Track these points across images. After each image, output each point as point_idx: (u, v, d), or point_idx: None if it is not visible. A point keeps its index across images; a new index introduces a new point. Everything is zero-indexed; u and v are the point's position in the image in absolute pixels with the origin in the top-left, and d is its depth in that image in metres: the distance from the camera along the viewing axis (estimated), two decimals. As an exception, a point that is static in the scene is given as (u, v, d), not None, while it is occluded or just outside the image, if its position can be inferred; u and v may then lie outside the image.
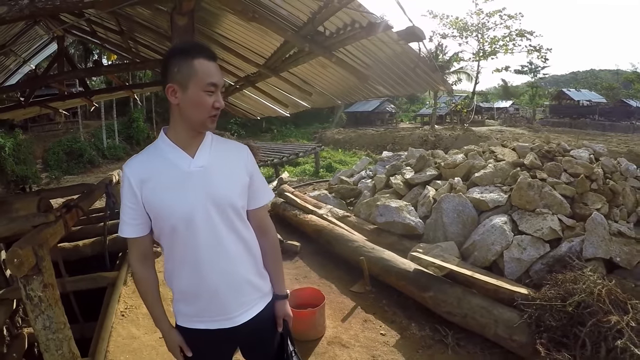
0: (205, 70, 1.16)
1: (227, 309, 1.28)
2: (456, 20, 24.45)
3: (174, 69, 1.17)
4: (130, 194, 1.22)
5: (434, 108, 27.22)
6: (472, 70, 27.64)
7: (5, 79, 5.83)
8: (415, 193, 5.06)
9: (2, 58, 5.16)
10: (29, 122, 20.05)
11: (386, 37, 2.18)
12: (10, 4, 1.24)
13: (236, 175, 1.30)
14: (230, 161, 1.31)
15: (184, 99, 1.18)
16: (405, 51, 2.34)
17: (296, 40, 2.46)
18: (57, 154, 19.10)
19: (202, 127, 1.23)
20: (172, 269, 1.29)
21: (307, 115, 32.76)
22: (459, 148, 6.02)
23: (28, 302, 1.84)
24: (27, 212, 2.42)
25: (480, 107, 34.00)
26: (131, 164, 1.24)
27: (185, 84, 1.16)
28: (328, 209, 5.55)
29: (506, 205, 3.87)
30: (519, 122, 30.01)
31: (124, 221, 1.25)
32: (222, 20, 3.26)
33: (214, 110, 1.21)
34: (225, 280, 1.26)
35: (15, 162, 15.71)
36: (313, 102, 5.01)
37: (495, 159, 4.74)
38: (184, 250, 1.24)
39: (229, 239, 1.26)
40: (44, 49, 5.85)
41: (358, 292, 3.74)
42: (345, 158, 19.64)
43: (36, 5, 1.26)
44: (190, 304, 1.29)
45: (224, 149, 1.32)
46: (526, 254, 3.28)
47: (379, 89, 3.49)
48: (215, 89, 1.19)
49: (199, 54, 1.17)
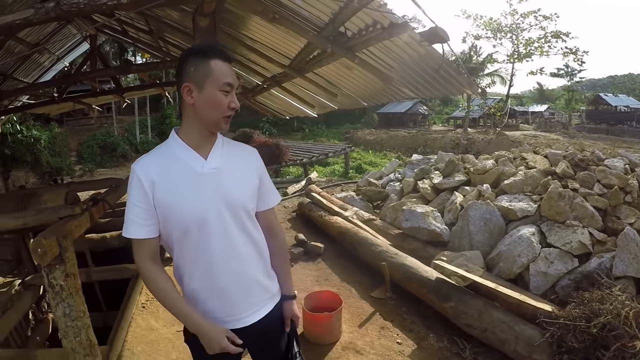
0: (221, 70, 1.20)
1: (236, 309, 1.31)
2: (490, 21, 23.98)
3: (191, 68, 1.20)
4: (140, 194, 1.21)
5: (467, 111, 26.81)
6: (506, 73, 27.01)
7: (40, 76, 6.23)
8: (443, 199, 4.98)
9: (36, 56, 5.53)
10: (65, 116, 21.26)
11: (409, 38, 2.15)
12: (37, 7, 1.35)
13: (247, 178, 1.33)
14: (241, 164, 1.34)
15: (199, 99, 1.20)
16: (429, 53, 2.30)
17: (318, 41, 2.48)
18: (91, 148, 20.20)
19: (216, 127, 1.26)
20: (183, 271, 1.30)
21: (338, 115, 33.14)
22: (490, 153, 5.86)
23: (50, 290, 1.96)
24: (55, 204, 2.59)
25: (515, 111, 33.32)
26: (142, 163, 1.24)
27: (202, 84, 1.19)
28: (354, 211, 5.55)
29: (535, 215, 3.73)
30: (554, 128, 29.38)
31: (132, 221, 1.22)
32: (247, 22, 3.34)
33: (229, 111, 1.24)
34: (236, 281, 1.29)
35: (50, 154, 16.74)
36: (339, 103, 5.04)
37: (526, 166, 4.58)
38: (196, 252, 1.25)
39: (240, 240, 1.29)
40: (77, 47, 6.20)
41: (378, 298, 3.73)
42: (376, 159, 19.60)
43: (61, 8, 1.36)
44: (200, 305, 1.30)
45: (234, 152, 1.35)
46: (553, 268, 3.16)
47: (404, 91, 3.47)
48: (231, 89, 1.22)
49: (216, 55, 1.20)
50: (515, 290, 2.95)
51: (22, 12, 1.37)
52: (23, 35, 4.55)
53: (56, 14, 1.39)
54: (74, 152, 20.22)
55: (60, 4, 1.37)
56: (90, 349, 2.10)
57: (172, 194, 1.21)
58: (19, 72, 5.70)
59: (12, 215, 2.29)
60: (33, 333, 3.34)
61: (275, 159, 12.66)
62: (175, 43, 5.17)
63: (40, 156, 15.63)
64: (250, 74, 5.28)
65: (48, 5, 1.37)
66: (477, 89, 2.95)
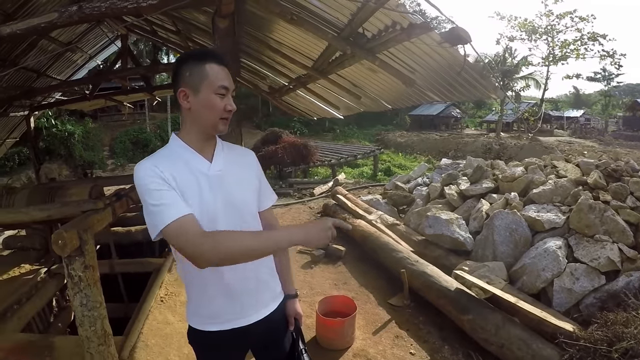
0: (216, 73, 1.22)
1: (243, 308, 1.35)
2: (525, 22, 23.34)
3: (186, 73, 1.22)
4: (161, 181, 1.15)
5: (500, 115, 26.23)
6: (541, 76, 26.18)
7: (73, 73, 6.59)
8: (469, 206, 4.87)
9: (69, 54, 5.86)
10: (99, 112, 22.28)
11: (429, 40, 2.11)
12: (60, 10, 1.45)
13: (249, 179, 1.38)
14: (242, 165, 1.38)
15: (195, 102, 1.22)
16: (451, 55, 2.26)
17: (337, 43, 2.48)
18: (124, 143, 21.11)
19: (214, 130, 1.27)
20: (191, 271, 1.28)
21: (370, 117, 33.15)
22: (521, 160, 5.67)
23: (69, 280, 2.09)
24: (80, 197, 2.76)
25: (550, 116, 32.29)
26: (150, 162, 1.20)
27: (197, 87, 1.21)
28: (378, 215, 5.54)
29: (563, 227, 3.58)
30: (589, 134, 28.36)
31: (169, 204, 1.12)
32: (272, 24, 3.38)
33: (226, 113, 1.26)
34: (243, 280, 1.32)
35: (83, 148, 17.68)
36: (364, 105, 5.04)
37: (557, 175, 4.41)
38: None
39: None
40: (109, 46, 6.53)
41: (396, 306, 3.71)
42: (406, 162, 19.43)
43: (84, 12, 1.46)
44: (206, 306, 1.33)
45: (235, 154, 1.39)
46: (578, 285, 3.03)
47: (429, 95, 3.42)
48: (226, 92, 1.25)
49: (211, 59, 1.23)
50: (537, 306, 2.85)
51: (47, 15, 1.49)
52: (56, 35, 4.84)
53: (79, 17, 1.50)
54: (107, 147, 21.23)
55: (83, 7, 1.47)
56: (104, 338, 2.21)
57: (185, 193, 1.19)
58: (52, 69, 6.02)
59: (39, 207, 2.46)
60: (55, 319, 3.54)
61: (303, 160, 12.77)
62: (202, 44, 5.33)
63: (74, 150, 16.54)
64: (277, 75, 5.37)
65: (71, 9, 1.47)
66: (503, 93, 2.87)
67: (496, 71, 26.01)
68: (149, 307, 3.41)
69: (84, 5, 1.49)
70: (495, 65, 26.72)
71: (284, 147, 12.80)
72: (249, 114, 29.18)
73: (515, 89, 26.86)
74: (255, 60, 5.21)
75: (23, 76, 5.57)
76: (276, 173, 13.07)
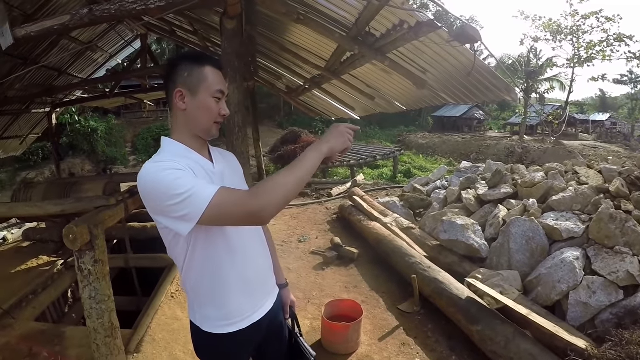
0: (214, 77, 1.25)
1: (258, 300, 1.39)
2: (549, 22, 22.65)
3: (184, 73, 1.23)
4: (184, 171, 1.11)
5: (523, 117, 25.79)
6: (566, 78, 25.54)
7: (94, 72, 6.84)
8: (486, 211, 4.77)
9: (90, 53, 6.11)
10: (122, 109, 22.96)
11: (438, 38, 2.08)
12: (72, 13, 1.53)
13: (240, 179, 1.47)
14: (233, 167, 1.46)
15: (192, 104, 1.24)
16: (462, 54, 2.23)
17: (344, 43, 2.48)
18: (146, 140, 21.70)
19: (207, 134, 1.29)
20: (206, 272, 1.28)
21: (392, 117, 33.15)
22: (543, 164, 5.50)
23: (79, 273, 2.19)
24: (95, 193, 2.87)
25: (575, 119, 31.41)
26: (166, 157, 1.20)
27: (195, 89, 1.22)
28: (394, 218, 5.51)
29: (582, 237, 3.45)
30: (615, 138, 27.46)
31: (200, 185, 1.06)
32: (284, 25, 3.42)
33: (220, 117, 1.28)
34: (257, 269, 1.38)
35: (106, 144, 18.28)
36: (379, 106, 5.03)
37: (578, 182, 4.25)
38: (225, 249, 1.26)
39: (254, 234, 1.40)
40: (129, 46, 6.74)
41: (405, 312, 3.68)
42: (426, 164, 19.22)
43: (94, 14, 1.53)
44: (221, 306, 1.31)
45: (224, 156, 1.45)
46: (595, 299, 2.91)
47: (442, 96, 3.38)
48: (222, 97, 1.28)
49: (209, 62, 1.25)
50: (551, 319, 2.76)
51: (59, 18, 1.57)
52: (76, 35, 5.05)
53: (90, 20, 1.57)
54: (129, 144, 21.88)
55: (94, 10, 1.55)
56: (111, 331, 2.31)
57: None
58: (73, 68, 6.29)
59: (54, 201, 2.59)
60: (70, 310, 3.70)
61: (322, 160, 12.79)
62: (219, 44, 5.45)
63: (97, 146, 17.12)
64: (292, 75, 5.42)
65: (82, 11, 1.55)
66: (517, 95, 2.80)
67: (520, 73, 25.55)
68: (159, 302, 3.51)
69: (94, 8, 1.56)
70: (519, 66, 26.31)
71: (303, 147, 12.85)
72: (270, 112, 29.45)
73: (539, 91, 26.30)
74: (270, 60, 5.28)
75: (44, 74, 5.83)
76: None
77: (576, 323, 2.93)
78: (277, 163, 12.96)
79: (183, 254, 1.25)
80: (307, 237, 5.91)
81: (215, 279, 1.29)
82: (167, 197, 1.06)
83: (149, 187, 1.10)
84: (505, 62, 26.89)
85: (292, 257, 5.11)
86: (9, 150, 7.58)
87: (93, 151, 17.45)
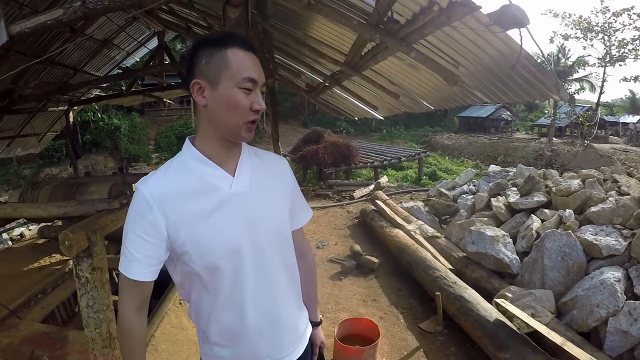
0: (240, 61, 0.99)
1: (274, 350, 1.16)
2: (579, 20, 22.06)
3: (201, 60, 1.00)
4: (149, 225, 1.00)
5: (552, 119, 25.28)
6: (596, 78, 24.94)
7: (111, 70, 6.94)
8: (518, 221, 4.51)
9: (106, 51, 6.19)
10: (146, 107, 23.57)
11: (475, 23, 1.78)
12: (65, 7, 1.45)
13: (282, 195, 1.17)
14: (273, 178, 1.17)
15: (213, 98, 1.00)
16: (504, 43, 1.92)
17: (364, 31, 2.22)
18: (169, 137, 22.18)
19: (235, 137, 1.05)
20: (207, 314, 1.12)
21: (418, 117, 33.02)
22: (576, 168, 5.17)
23: (77, 281, 2.12)
24: (99, 195, 2.82)
25: (604, 121, 30.31)
26: (151, 183, 1.03)
27: (216, 79, 0.99)
28: (417, 225, 5.32)
29: (624, 255, 3.17)
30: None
31: (134, 257, 1.01)
32: (299, 16, 3.28)
33: (252, 114, 1.02)
34: (273, 319, 1.14)
35: (129, 142, 18.75)
36: (404, 105, 4.82)
37: (618, 191, 3.94)
38: (227, 292, 1.07)
39: (278, 271, 1.14)
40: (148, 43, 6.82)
41: (426, 331, 3.48)
42: (452, 166, 18.90)
43: (87, 7, 1.44)
44: (227, 348, 1.14)
45: (264, 164, 1.17)
46: (636, 327, 2.64)
47: (477, 95, 3.14)
48: (254, 87, 1.01)
49: (233, 43, 1.00)
50: (586, 348, 2.52)
51: (52, 12, 1.50)
52: (91, 32, 5.10)
53: (83, 13, 1.48)
54: (152, 141, 22.41)
55: (86, 2, 1.46)
56: (109, 341, 2.23)
57: (200, 227, 1.01)
58: (90, 66, 6.38)
59: (58, 203, 2.54)
60: (80, 311, 3.69)
61: (344, 160, 12.68)
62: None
63: (120, 143, 17.61)
64: (312, 72, 5.29)
65: (75, 5, 1.47)
66: (566, 94, 2.48)
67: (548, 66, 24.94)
68: (165, 310, 3.45)
69: (87, 0, 1.47)
70: (548, 65, 25.68)
71: (325, 147, 12.73)
72: (295, 111, 29.59)
73: (569, 92, 25.59)
74: (288, 56, 5.15)
75: (60, 73, 5.93)
76: (317, 173, 13.06)
77: (614, 353, 2.69)
78: (299, 163, 12.87)
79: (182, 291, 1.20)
80: (326, 242, 5.78)
81: (210, 326, 1.12)
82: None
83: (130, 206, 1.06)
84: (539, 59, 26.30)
85: (308, 265, 4.98)
86: (27, 147, 7.82)
87: (116, 148, 17.95)
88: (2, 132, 6.61)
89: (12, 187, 12.84)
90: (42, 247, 4.72)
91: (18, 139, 7.18)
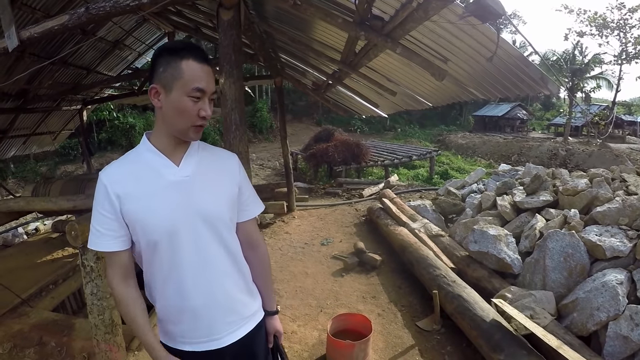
0: (192, 73, 1.14)
1: (212, 330, 1.29)
2: (594, 16, 21.57)
3: (160, 68, 1.15)
4: (107, 203, 1.17)
5: (568, 117, 24.66)
6: (613, 76, 24.25)
7: (123, 70, 7.18)
8: (523, 221, 4.50)
9: (118, 52, 6.42)
10: (162, 106, 23.94)
11: (452, 16, 1.84)
12: (70, 13, 1.59)
13: (225, 186, 1.31)
14: (218, 171, 1.31)
15: (166, 103, 1.16)
16: (484, 35, 1.97)
17: (348, 28, 2.29)
18: (184, 135, 22.52)
19: (184, 136, 1.21)
20: (154, 287, 1.28)
21: (433, 116, 33.01)
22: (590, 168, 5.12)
23: (82, 269, 2.28)
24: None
25: (622, 120, 29.45)
26: (108, 171, 1.21)
27: (170, 86, 1.14)
28: (422, 223, 5.35)
29: (628, 257, 3.12)
30: None
31: (98, 232, 1.19)
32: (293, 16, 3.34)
33: (199, 120, 1.18)
34: (211, 300, 1.27)
35: (144, 140, 19.08)
36: (404, 102, 4.87)
37: (626, 191, 3.88)
38: (167, 268, 1.23)
39: (217, 255, 1.27)
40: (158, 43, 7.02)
41: (423, 329, 3.52)
42: (465, 166, 18.70)
43: (90, 12, 1.58)
44: (175, 324, 1.29)
45: (211, 157, 1.32)
46: (637, 332, 2.60)
47: (471, 91, 3.18)
48: (202, 95, 1.16)
49: (188, 55, 1.14)
50: (584, 353, 2.50)
51: (59, 17, 1.64)
52: (105, 34, 5.31)
53: (87, 18, 1.62)
54: (166, 139, 22.77)
55: (90, 9, 1.60)
56: (111, 327, 2.38)
57: (140, 204, 1.18)
58: (102, 66, 6.62)
59: (67, 197, 2.72)
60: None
61: (354, 159, 12.73)
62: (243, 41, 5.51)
63: (135, 141, 17.99)
64: (315, 71, 5.38)
65: (80, 10, 1.61)
66: (557, 88, 2.49)
67: (565, 70, 24.61)
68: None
69: (90, 6, 1.61)
70: (563, 63, 25.30)
71: (336, 146, 12.80)
72: (309, 110, 29.68)
73: (585, 90, 25.01)
74: (292, 55, 5.25)
75: (73, 73, 6.18)
76: (327, 171, 13.14)
77: (613, 359, 2.66)
78: (310, 161, 12.99)
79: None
80: (331, 239, 5.86)
81: (156, 300, 1.30)
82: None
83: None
84: (549, 59, 25.79)
85: (311, 261, 5.08)
86: (43, 145, 8.15)
87: (131, 146, 18.19)
88: (18, 131, 6.94)
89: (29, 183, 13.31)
90: (56, 240, 4.95)
91: (33, 137, 7.50)
